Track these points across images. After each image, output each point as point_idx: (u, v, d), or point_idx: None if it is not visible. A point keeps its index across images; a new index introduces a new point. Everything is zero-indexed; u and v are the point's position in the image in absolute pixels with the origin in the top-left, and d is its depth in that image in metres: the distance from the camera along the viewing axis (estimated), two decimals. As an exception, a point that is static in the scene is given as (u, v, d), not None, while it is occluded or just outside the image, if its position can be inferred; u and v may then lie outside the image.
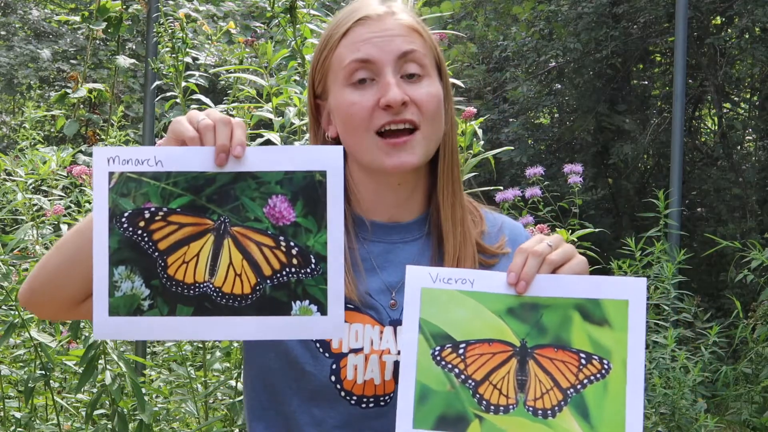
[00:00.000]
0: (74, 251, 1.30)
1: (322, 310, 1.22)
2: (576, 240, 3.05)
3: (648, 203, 4.86)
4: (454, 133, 1.47)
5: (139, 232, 1.22)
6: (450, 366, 1.24)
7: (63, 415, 3.16)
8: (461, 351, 1.25)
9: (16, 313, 2.88)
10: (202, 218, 1.23)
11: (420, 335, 1.24)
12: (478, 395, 1.24)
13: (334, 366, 1.39)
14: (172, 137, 1.25)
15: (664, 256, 4.14)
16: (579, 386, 1.24)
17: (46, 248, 3.22)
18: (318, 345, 1.40)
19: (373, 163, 1.40)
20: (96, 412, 3.01)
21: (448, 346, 1.24)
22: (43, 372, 2.96)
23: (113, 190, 1.22)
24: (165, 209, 1.22)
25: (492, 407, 1.24)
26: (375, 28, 1.39)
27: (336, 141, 1.46)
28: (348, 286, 1.40)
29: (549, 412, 1.23)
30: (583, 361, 1.24)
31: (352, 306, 1.41)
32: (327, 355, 1.39)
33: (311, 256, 1.22)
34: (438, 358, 1.24)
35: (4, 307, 2.93)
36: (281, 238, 1.23)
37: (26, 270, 3.27)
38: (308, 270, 1.22)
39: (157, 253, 1.22)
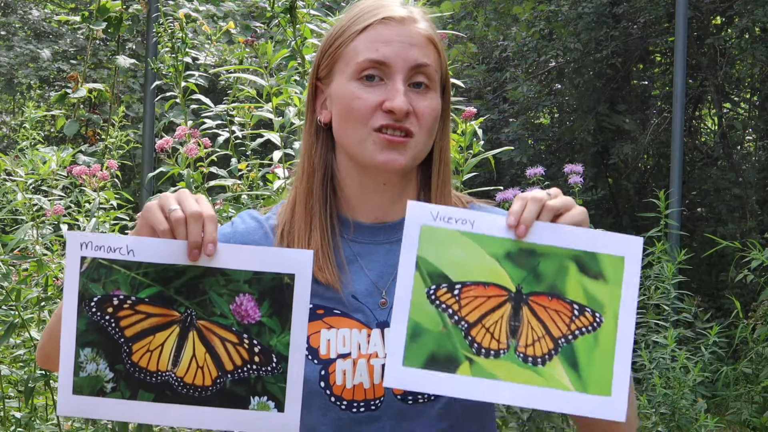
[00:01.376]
0: None
1: (279, 407, 1.26)
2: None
3: (648, 203, 4.86)
4: (448, 148, 1.49)
5: (107, 317, 1.26)
6: (444, 306, 1.24)
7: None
8: (456, 292, 1.24)
9: (16, 313, 2.88)
10: (170, 310, 1.26)
11: (417, 273, 1.24)
12: (470, 337, 1.24)
13: (322, 372, 1.39)
14: (144, 224, 1.27)
15: (665, 256, 4.14)
16: (570, 336, 1.24)
17: (47, 248, 3.22)
18: (306, 352, 1.40)
19: (364, 157, 1.41)
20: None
21: (443, 285, 1.24)
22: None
23: (84, 274, 1.25)
24: (133, 298, 1.25)
25: (483, 350, 1.23)
26: (396, 32, 1.41)
27: (327, 126, 1.46)
28: (334, 288, 1.41)
29: (539, 359, 1.23)
30: (576, 312, 1.24)
31: (338, 311, 1.41)
32: (315, 361, 1.40)
33: (273, 356, 1.26)
34: (433, 297, 1.24)
35: (4, 307, 2.93)
36: (245, 335, 1.26)
37: (26, 270, 3.27)
38: (269, 368, 1.26)
39: (122, 339, 1.26)
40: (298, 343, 1.26)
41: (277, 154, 2.93)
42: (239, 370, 1.26)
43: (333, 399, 1.39)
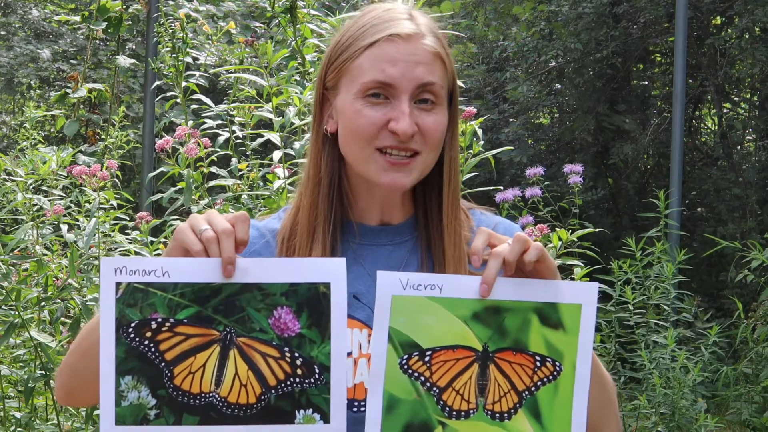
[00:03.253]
0: (96, 354, 1.31)
1: (325, 419, 1.25)
2: (576, 240, 3.05)
3: (648, 203, 4.86)
4: (458, 158, 1.50)
5: (146, 342, 1.25)
6: (416, 374, 1.27)
7: (63, 415, 3.16)
8: (427, 359, 1.27)
9: (16, 313, 2.88)
10: (209, 329, 1.25)
11: (389, 345, 1.26)
12: (441, 402, 1.27)
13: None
14: (177, 246, 1.28)
15: (665, 256, 4.14)
16: (533, 388, 1.28)
17: (47, 248, 3.22)
18: None
19: (368, 175, 1.42)
20: (96, 412, 3.01)
21: (415, 354, 1.27)
22: (43, 372, 2.96)
23: (120, 300, 1.24)
24: (172, 320, 1.25)
25: (454, 413, 1.27)
26: (402, 51, 1.40)
27: (333, 135, 1.47)
28: None
29: (505, 414, 1.28)
30: (538, 364, 1.28)
31: None
32: None
33: (315, 367, 1.25)
34: (405, 366, 1.27)
35: (4, 307, 2.93)
36: (286, 349, 1.26)
37: (26, 270, 3.27)
38: (312, 380, 1.25)
39: (163, 364, 1.25)
40: (339, 352, 1.26)
41: (277, 154, 2.93)
42: (283, 385, 1.25)
43: None
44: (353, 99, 1.40)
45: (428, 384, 1.27)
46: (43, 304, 3.00)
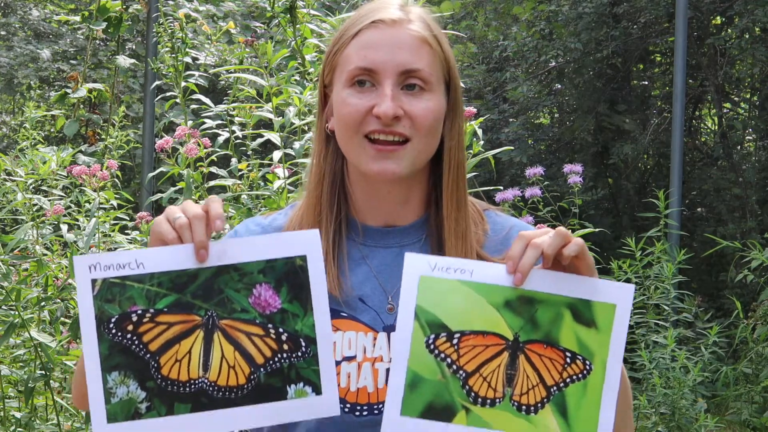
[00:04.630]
0: None
1: (317, 390, 1.25)
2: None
3: (648, 203, 4.86)
4: (460, 147, 1.45)
5: (129, 335, 1.24)
6: (443, 355, 1.25)
7: (63, 415, 3.16)
8: (455, 341, 1.25)
9: (16, 313, 2.88)
10: (190, 315, 1.24)
11: (415, 322, 1.25)
12: (467, 386, 1.25)
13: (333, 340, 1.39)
14: (155, 238, 1.28)
15: (664, 256, 4.14)
16: (562, 384, 1.26)
17: (47, 248, 3.22)
18: None
19: (360, 165, 1.41)
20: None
21: (442, 335, 1.25)
22: (43, 372, 2.96)
23: (97, 297, 1.23)
24: (152, 310, 1.24)
25: (480, 399, 1.25)
26: (385, 36, 1.38)
27: (334, 134, 1.46)
28: (340, 290, 1.40)
29: (532, 408, 1.25)
30: (568, 360, 1.26)
31: (345, 314, 1.41)
32: None
33: (301, 340, 1.25)
34: (432, 346, 1.25)
35: (4, 307, 2.93)
36: (270, 325, 1.25)
37: (26, 270, 3.27)
38: (299, 353, 1.25)
39: (149, 355, 1.24)
40: (323, 323, 1.25)
41: (277, 154, 2.93)
42: (271, 362, 1.24)
43: None
44: (342, 89, 1.40)
45: (455, 367, 1.25)
46: (43, 304, 3.00)
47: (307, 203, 1.47)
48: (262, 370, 1.24)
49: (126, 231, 3.34)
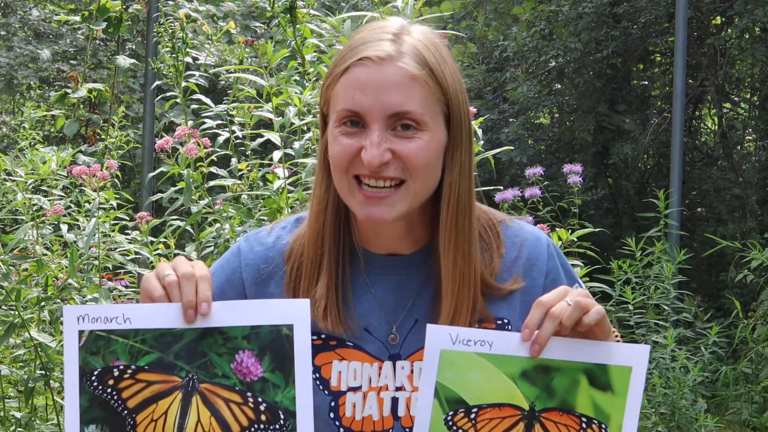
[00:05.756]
0: None
1: None
2: (576, 240, 3.05)
3: (648, 203, 4.86)
4: (463, 179, 1.37)
5: (108, 390, 1.24)
6: (462, 431, 1.27)
7: (63, 415, 3.16)
8: (473, 416, 1.27)
9: (16, 313, 2.88)
10: (171, 375, 1.24)
11: (435, 399, 1.26)
12: None
13: (332, 403, 1.39)
14: (144, 295, 1.27)
15: (664, 256, 4.14)
16: None
17: (47, 248, 3.22)
18: (318, 382, 1.40)
19: (350, 207, 1.37)
20: (96, 412, 3.00)
21: (461, 411, 1.27)
22: (43, 372, 2.96)
23: (83, 348, 1.23)
24: (133, 367, 1.24)
25: None
26: (372, 75, 1.30)
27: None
28: (346, 322, 1.39)
29: None
30: (584, 425, 1.27)
31: (351, 343, 1.40)
32: (326, 392, 1.39)
33: (280, 412, 1.23)
34: (450, 423, 1.26)
35: (4, 307, 2.93)
36: (249, 394, 1.23)
37: (26, 270, 3.27)
38: (277, 426, 1.23)
39: (126, 412, 1.23)
40: (304, 396, 1.23)
41: (277, 154, 2.93)
42: None
43: (342, 430, 1.39)
44: (333, 126, 1.35)
45: None
46: (43, 304, 3.00)
47: (310, 232, 1.42)
48: None
49: (126, 231, 3.34)
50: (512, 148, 5.45)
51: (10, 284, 2.93)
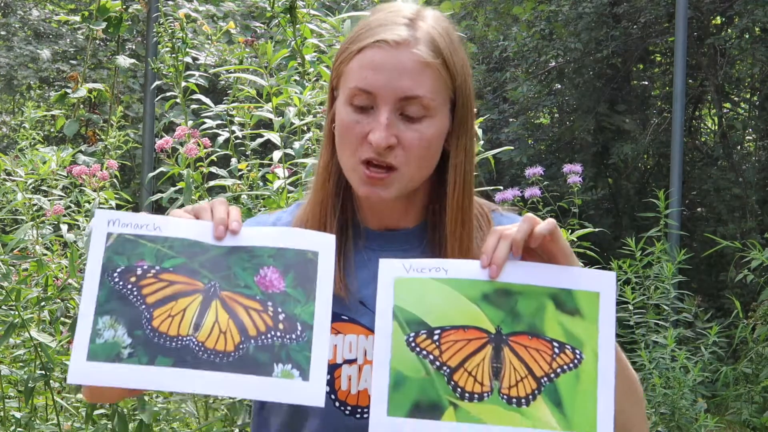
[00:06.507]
0: None
1: (304, 376, 1.22)
2: (576, 240, 3.05)
3: (648, 203, 4.86)
4: (468, 161, 1.42)
5: (129, 286, 1.24)
6: (425, 352, 1.23)
7: (63, 415, 3.16)
8: (436, 337, 1.24)
9: (16, 313, 2.88)
10: (193, 279, 1.25)
11: (394, 322, 1.23)
12: (452, 382, 1.23)
13: (328, 376, 1.39)
14: None
15: (664, 256, 4.14)
16: (552, 375, 1.23)
17: (47, 248, 3.22)
18: None
19: (352, 184, 1.40)
20: (96, 412, 3.01)
21: (422, 332, 1.23)
22: (43, 372, 2.96)
23: (109, 248, 1.25)
24: (157, 267, 1.24)
25: (467, 394, 1.23)
26: (387, 58, 1.34)
27: None
28: (346, 292, 1.40)
29: (523, 400, 1.23)
30: (556, 350, 1.24)
31: (346, 317, 1.40)
32: None
33: (298, 324, 1.23)
34: (413, 344, 1.23)
35: (4, 307, 2.93)
36: (269, 303, 1.24)
37: (26, 270, 3.27)
38: (293, 336, 1.23)
39: (143, 306, 1.23)
40: (323, 314, 1.23)
41: (277, 154, 2.93)
42: (263, 337, 1.23)
43: (337, 404, 1.39)
44: (344, 105, 1.37)
45: (438, 363, 1.23)
46: (43, 304, 3.00)
47: (313, 204, 1.45)
48: (252, 342, 1.22)
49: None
50: (512, 148, 5.45)
51: (10, 284, 2.93)
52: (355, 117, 1.35)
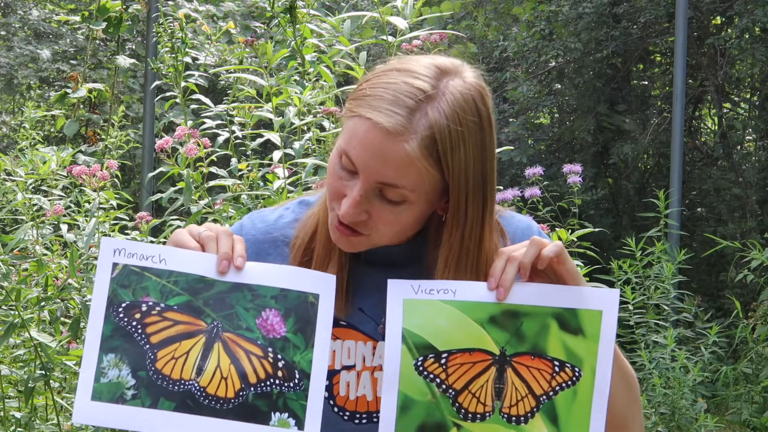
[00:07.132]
0: None
1: (300, 425, 1.25)
2: (576, 240, 3.05)
3: (648, 203, 4.86)
4: (473, 227, 1.32)
5: (134, 323, 1.25)
6: (432, 376, 1.26)
7: (63, 415, 3.16)
8: (443, 361, 1.27)
9: (16, 313, 2.88)
10: (197, 319, 1.26)
11: (403, 345, 1.26)
12: (457, 404, 1.27)
13: (326, 382, 1.39)
14: (173, 246, 1.28)
15: (664, 256, 4.14)
16: (551, 393, 1.27)
17: (47, 248, 3.22)
18: None
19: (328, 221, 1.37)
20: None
21: (430, 356, 1.26)
22: (43, 372, 2.96)
23: (115, 279, 1.25)
24: (162, 305, 1.25)
25: (470, 415, 1.27)
26: (375, 141, 1.26)
27: None
28: (341, 303, 1.39)
29: (522, 418, 1.27)
30: (556, 369, 1.27)
31: (344, 323, 1.40)
32: None
33: (296, 372, 1.26)
34: (421, 368, 1.26)
35: (4, 307, 2.93)
36: (270, 349, 1.26)
37: (26, 270, 3.27)
38: (291, 384, 1.25)
39: (148, 346, 1.24)
40: (320, 362, 1.26)
41: (277, 154, 2.93)
42: (262, 384, 1.25)
43: (336, 409, 1.40)
44: (336, 151, 1.33)
45: (444, 386, 1.26)
46: (43, 304, 3.00)
47: (320, 224, 1.41)
48: (252, 389, 1.25)
49: (126, 231, 3.33)
50: (512, 148, 5.45)
51: (10, 284, 2.93)
52: (340, 173, 1.32)
